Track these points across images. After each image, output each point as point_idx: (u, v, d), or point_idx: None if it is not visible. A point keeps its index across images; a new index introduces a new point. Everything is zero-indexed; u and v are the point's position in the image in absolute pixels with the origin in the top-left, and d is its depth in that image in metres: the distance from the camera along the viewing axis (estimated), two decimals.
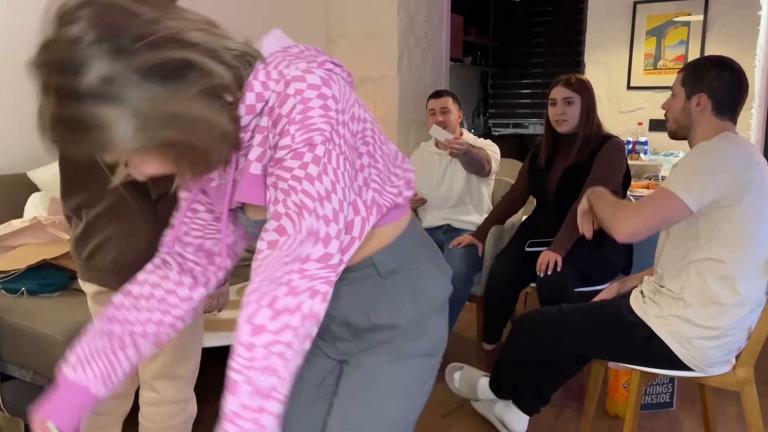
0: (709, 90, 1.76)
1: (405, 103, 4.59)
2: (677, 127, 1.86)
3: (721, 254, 1.68)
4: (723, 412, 2.43)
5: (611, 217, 1.74)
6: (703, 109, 1.78)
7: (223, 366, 2.98)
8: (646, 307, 1.79)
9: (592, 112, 2.54)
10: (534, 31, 7.32)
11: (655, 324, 1.74)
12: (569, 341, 1.90)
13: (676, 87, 1.85)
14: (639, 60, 4.43)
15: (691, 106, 1.79)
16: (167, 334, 1.06)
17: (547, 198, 2.63)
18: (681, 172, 1.70)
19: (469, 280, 2.75)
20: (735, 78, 1.76)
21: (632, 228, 1.68)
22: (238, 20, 3.93)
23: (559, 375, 2.03)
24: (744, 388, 1.76)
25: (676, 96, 1.84)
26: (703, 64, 1.81)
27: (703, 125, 1.79)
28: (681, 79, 1.83)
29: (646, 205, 1.69)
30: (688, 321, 1.71)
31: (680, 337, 1.71)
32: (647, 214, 1.67)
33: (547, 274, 2.38)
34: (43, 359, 2.04)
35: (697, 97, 1.78)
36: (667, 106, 1.88)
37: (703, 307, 1.70)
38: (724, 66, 1.77)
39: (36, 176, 2.70)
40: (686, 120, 1.82)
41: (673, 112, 1.85)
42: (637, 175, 3.81)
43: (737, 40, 4.08)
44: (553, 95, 2.56)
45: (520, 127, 7.57)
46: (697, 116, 1.79)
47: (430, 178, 3.06)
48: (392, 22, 4.44)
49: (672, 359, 1.74)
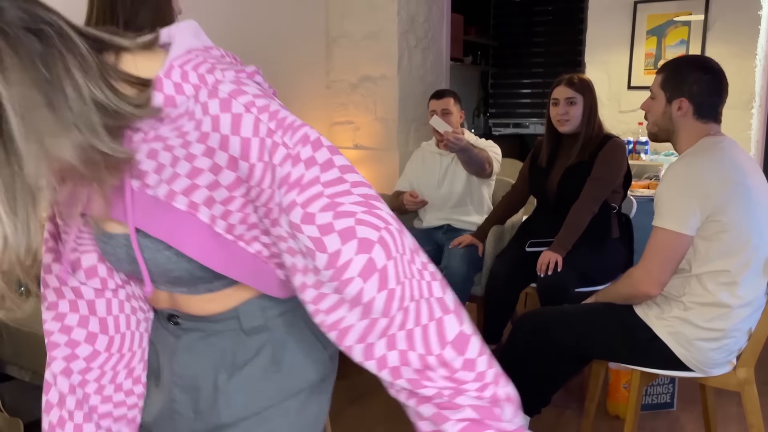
0: (689, 94, 1.75)
1: (405, 103, 4.59)
2: (658, 130, 1.85)
3: (722, 264, 1.68)
4: (724, 412, 2.43)
5: (630, 287, 1.76)
6: (685, 114, 1.76)
7: None
8: (647, 308, 1.79)
9: (594, 112, 2.54)
10: (534, 31, 7.32)
11: (656, 325, 1.74)
12: (570, 341, 1.89)
13: (655, 89, 1.82)
14: (639, 60, 4.42)
15: (672, 111, 1.78)
16: None
17: (547, 198, 2.62)
18: (666, 206, 1.69)
19: (469, 280, 2.75)
20: (715, 81, 1.75)
21: (656, 282, 1.70)
22: (238, 20, 3.92)
23: (560, 375, 2.02)
24: (744, 389, 1.76)
25: (656, 98, 1.82)
26: (682, 66, 1.79)
27: (686, 129, 1.78)
28: (660, 81, 1.81)
29: (654, 255, 1.70)
30: (689, 322, 1.70)
31: (681, 338, 1.71)
32: (660, 263, 1.69)
33: (548, 274, 2.37)
34: (43, 359, 2.03)
35: (678, 102, 1.76)
36: (647, 107, 1.86)
37: (705, 310, 1.70)
38: (704, 69, 1.76)
39: None
40: (668, 124, 1.80)
41: (654, 114, 1.84)
42: (638, 175, 3.81)
43: (738, 40, 4.07)
44: (556, 95, 2.54)
45: (521, 127, 7.57)
46: (680, 120, 1.78)
47: (430, 178, 3.05)
48: (392, 22, 4.43)
49: (673, 360, 1.74)
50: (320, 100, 4.74)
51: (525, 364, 1.99)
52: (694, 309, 1.70)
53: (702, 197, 1.64)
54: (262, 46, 4.15)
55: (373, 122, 4.65)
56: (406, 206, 3.01)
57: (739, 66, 4.07)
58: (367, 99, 4.63)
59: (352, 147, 4.76)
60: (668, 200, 1.69)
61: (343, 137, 4.79)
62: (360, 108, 4.68)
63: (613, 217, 2.54)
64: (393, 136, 4.58)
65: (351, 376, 2.76)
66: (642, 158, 4.14)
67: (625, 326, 1.80)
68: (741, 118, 4.09)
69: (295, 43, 4.43)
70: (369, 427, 2.31)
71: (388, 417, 2.38)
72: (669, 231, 1.66)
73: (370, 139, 4.69)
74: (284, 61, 4.35)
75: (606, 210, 2.50)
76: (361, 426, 2.32)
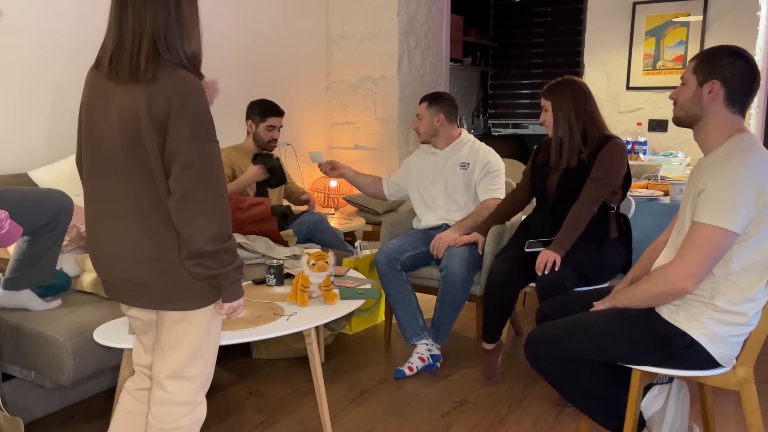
0: (722, 78, 1.71)
1: (405, 103, 4.59)
2: (684, 115, 1.79)
3: (757, 258, 1.67)
4: (723, 411, 2.44)
5: (665, 284, 1.71)
6: (715, 98, 1.72)
7: (219, 366, 2.96)
8: (673, 314, 1.76)
9: (567, 113, 2.50)
10: (534, 32, 7.33)
11: (689, 328, 1.73)
12: (605, 358, 1.85)
13: (687, 75, 1.79)
14: (638, 60, 4.43)
15: (703, 94, 1.73)
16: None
17: (547, 198, 2.63)
18: (717, 203, 1.64)
19: (469, 280, 2.76)
20: (749, 67, 1.72)
21: (694, 278, 1.67)
22: (238, 21, 3.93)
23: (617, 389, 1.93)
24: (744, 388, 1.77)
25: (687, 84, 1.78)
26: (717, 52, 1.75)
27: (713, 116, 1.74)
28: (693, 66, 1.77)
29: (698, 251, 1.66)
30: (722, 322, 1.70)
31: (716, 338, 1.71)
32: (703, 259, 1.65)
33: (545, 273, 2.38)
34: (44, 359, 2.04)
35: (710, 84, 1.72)
36: (676, 95, 1.82)
37: (737, 306, 1.70)
38: (739, 55, 1.72)
39: (37, 176, 2.71)
40: (696, 108, 1.76)
41: (682, 99, 1.79)
42: (637, 175, 3.82)
43: (736, 41, 4.07)
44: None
45: (520, 127, 7.58)
46: (708, 105, 1.73)
47: (425, 177, 3.06)
48: (392, 22, 4.44)
49: (708, 360, 1.74)
50: (320, 101, 4.75)
51: (579, 391, 1.93)
52: (727, 310, 1.70)
53: (756, 197, 1.62)
54: (262, 47, 4.15)
55: (373, 123, 4.65)
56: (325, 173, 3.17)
57: None
58: (367, 99, 4.64)
59: (352, 147, 4.76)
60: (721, 198, 1.64)
61: (343, 137, 4.80)
62: (360, 108, 4.68)
63: (612, 217, 2.55)
64: (393, 137, 4.59)
65: (351, 376, 2.77)
66: (641, 158, 4.15)
67: (657, 334, 1.77)
68: None
69: (295, 43, 4.44)
70: (369, 427, 2.31)
71: (388, 417, 2.38)
72: (718, 228, 1.63)
73: (370, 140, 4.69)
74: (285, 62, 4.36)
75: (605, 210, 2.51)
76: (361, 426, 2.32)
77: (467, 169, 2.98)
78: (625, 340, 1.81)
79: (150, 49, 1.35)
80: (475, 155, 3.00)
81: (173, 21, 1.38)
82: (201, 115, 1.36)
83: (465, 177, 2.98)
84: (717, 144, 1.74)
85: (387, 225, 3.16)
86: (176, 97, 1.33)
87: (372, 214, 4.31)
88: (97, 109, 1.43)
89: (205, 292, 1.44)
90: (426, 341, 2.82)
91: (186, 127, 1.33)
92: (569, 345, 1.87)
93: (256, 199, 3.11)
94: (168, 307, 1.45)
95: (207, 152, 1.36)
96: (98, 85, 1.44)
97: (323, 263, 2.18)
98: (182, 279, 1.41)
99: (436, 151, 3.05)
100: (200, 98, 1.36)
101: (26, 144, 2.85)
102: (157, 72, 1.35)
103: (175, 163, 1.34)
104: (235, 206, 3.02)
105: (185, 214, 1.35)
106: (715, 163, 1.70)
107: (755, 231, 1.66)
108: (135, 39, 1.35)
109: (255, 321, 2.04)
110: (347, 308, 2.24)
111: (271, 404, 2.50)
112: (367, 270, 3.21)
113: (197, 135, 1.34)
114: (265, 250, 2.96)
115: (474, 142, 3.06)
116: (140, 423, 1.63)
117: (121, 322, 2.04)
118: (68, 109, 2.98)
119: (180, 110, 1.33)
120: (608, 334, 1.83)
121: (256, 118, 3.29)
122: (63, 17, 2.96)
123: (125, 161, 1.39)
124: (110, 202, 1.43)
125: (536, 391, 2.61)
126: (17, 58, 2.80)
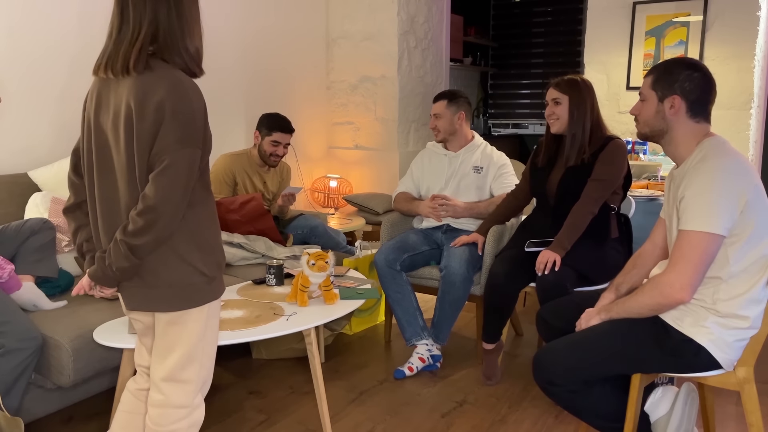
0: (681, 91, 1.74)
1: (405, 103, 4.59)
2: (650, 131, 1.83)
3: (754, 257, 1.68)
4: (723, 411, 2.44)
5: (660, 296, 1.71)
6: (677, 111, 1.75)
7: (217, 366, 2.95)
8: (678, 320, 1.76)
9: (584, 111, 2.52)
10: (534, 32, 7.33)
11: (694, 334, 1.72)
12: (614, 372, 1.84)
13: (645, 90, 1.82)
14: (638, 60, 4.43)
15: (665, 109, 1.77)
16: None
17: (547, 198, 2.63)
18: (699, 209, 1.65)
19: (469, 280, 2.76)
20: (705, 78, 1.75)
21: (689, 287, 1.66)
22: (238, 21, 3.93)
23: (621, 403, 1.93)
24: (744, 388, 1.77)
25: (647, 100, 1.81)
26: (673, 65, 1.78)
27: (679, 128, 1.77)
28: (651, 82, 1.80)
29: (688, 259, 1.66)
30: (725, 326, 1.70)
31: (721, 343, 1.71)
32: (694, 267, 1.65)
33: (545, 273, 2.38)
34: (44, 359, 2.04)
35: (671, 100, 1.75)
36: (637, 110, 1.85)
37: (739, 309, 1.69)
38: (695, 67, 1.76)
39: (37, 176, 2.71)
40: (661, 123, 1.79)
41: (645, 115, 1.82)
42: (636, 175, 3.82)
43: (736, 41, 4.09)
44: (546, 97, 2.61)
45: (520, 127, 7.58)
46: (672, 119, 1.77)
47: (437, 180, 3.07)
48: (392, 22, 4.44)
49: (713, 363, 1.74)
50: (320, 101, 4.75)
51: (602, 419, 1.91)
52: (729, 314, 1.70)
53: (737, 196, 1.63)
54: (263, 47, 4.15)
55: (373, 122, 4.65)
56: (423, 213, 3.02)
57: (738, 66, 4.08)
58: (367, 99, 4.64)
59: (352, 147, 4.76)
60: (701, 203, 1.66)
61: (343, 137, 4.80)
62: (360, 108, 4.68)
63: (612, 218, 2.55)
64: (393, 137, 4.59)
65: (351, 376, 2.77)
66: (641, 158, 4.15)
67: (666, 343, 1.76)
68: (739, 119, 4.10)
69: (295, 43, 4.44)
70: (369, 428, 2.31)
71: (388, 417, 2.38)
72: (703, 233, 1.64)
73: (370, 140, 4.69)
74: (285, 62, 4.36)
75: (605, 210, 2.51)
76: (361, 426, 2.32)
77: (480, 172, 3.01)
78: (634, 353, 1.80)
79: (145, 43, 1.36)
80: (488, 159, 3.03)
81: (174, 18, 1.38)
82: (192, 120, 1.35)
83: (478, 180, 3.01)
84: (687, 154, 1.77)
85: (387, 225, 3.16)
86: (170, 98, 1.33)
87: (372, 214, 4.30)
88: (97, 110, 1.44)
89: (192, 294, 1.44)
90: (426, 341, 2.82)
91: (177, 129, 1.33)
92: (580, 365, 1.84)
93: (246, 196, 3.10)
94: (156, 309, 1.45)
95: (189, 158, 1.35)
96: (98, 88, 1.45)
97: (323, 263, 2.19)
98: (169, 281, 1.41)
99: (449, 152, 3.06)
100: (194, 102, 1.36)
101: (27, 144, 2.85)
102: (152, 65, 1.36)
103: (158, 162, 1.34)
104: (227, 209, 3.01)
105: (155, 189, 1.34)
106: (690, 170, 1.72)
107: (746, 230, 1.66)
108: (134, 35, 1.36)
109: (255, 321, 2.04)
110: (347, 308, 2.24)
111: (271, 404, 2.50)
112: (367, 270, 3.21)
113: (186, 139, 1.34)
114: (264, 250, 2.96)
115: (486, 146, 3.09)
116: (141, 423, 1.62)
117: (121, 322, 2.04)
118: (69, 109, 2.98)
119: (174, 112, 1.33)
120: (617, 350, 1.81)
121: (263, 130, 3.29)
122: (64, 17, 2.96)
123: (116, 157, 1.40)
124: (105, 201, 1.45)
125: (536, 391, 2.61)
126: (18, 57, 2.80)
